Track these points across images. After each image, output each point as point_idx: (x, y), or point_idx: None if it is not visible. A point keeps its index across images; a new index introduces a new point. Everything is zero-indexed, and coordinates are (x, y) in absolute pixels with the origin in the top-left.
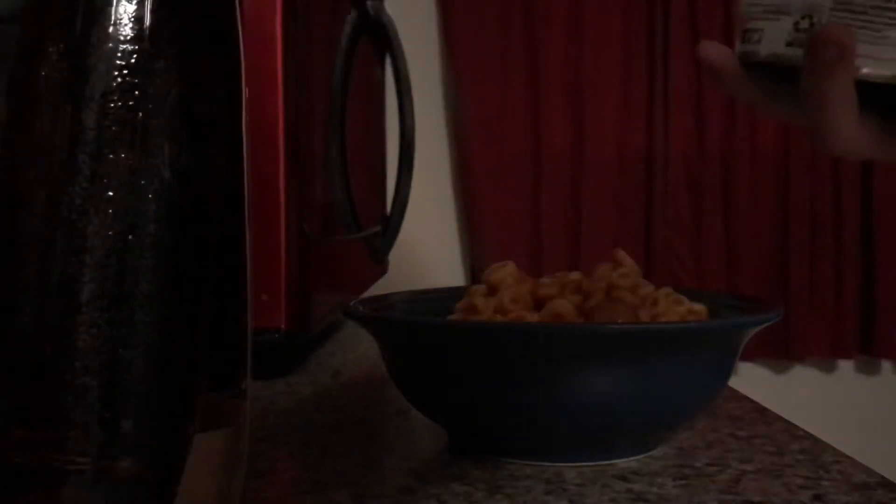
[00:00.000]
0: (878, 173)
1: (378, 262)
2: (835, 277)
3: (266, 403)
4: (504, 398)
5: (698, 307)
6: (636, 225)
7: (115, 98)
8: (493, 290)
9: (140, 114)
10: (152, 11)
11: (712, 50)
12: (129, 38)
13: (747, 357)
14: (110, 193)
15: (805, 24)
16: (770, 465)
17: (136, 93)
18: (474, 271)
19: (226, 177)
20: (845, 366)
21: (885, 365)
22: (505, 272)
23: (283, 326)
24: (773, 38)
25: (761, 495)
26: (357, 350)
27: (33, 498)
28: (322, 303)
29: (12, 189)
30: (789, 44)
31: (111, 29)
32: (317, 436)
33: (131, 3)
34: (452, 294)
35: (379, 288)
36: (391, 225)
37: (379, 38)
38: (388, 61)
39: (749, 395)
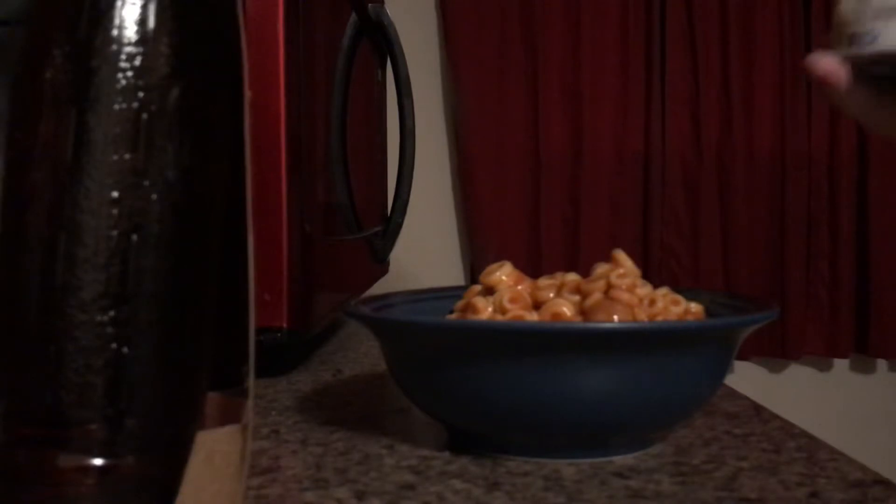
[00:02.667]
0: (874, 173)
1: (379, 262)
2: (830, 277)
3: (268, 401)
4: (503, 397)
5: (695, 307)
6: (634, 225)
7: (119, 100)
8: (490, 291)
9: (143, 115)
10: (155, 14)
11: (823, 61)
12: (132, 40)
13: (744, 356)
14: (114, 194)
15: None
16: (766, 463)
17: (140, 95)
18: (474, 271)
19: (228, 177)
20: (841, 364)
21: (881, 364)
22: (502, 272)
23: (285, 325)
24: (892, 37)
25: (757, 492)
26: (358, 349)
27: (36, 496)
28: (323, 302)
29: (18, 190)
30: None
31: (115, 32)
32: (318, 433)
33: (135, 6)
34: (452, 294)
35: (379, 288)
36: (392, 225)
37: (379, 41)
38: (388, 63)
39: (745, 394)
